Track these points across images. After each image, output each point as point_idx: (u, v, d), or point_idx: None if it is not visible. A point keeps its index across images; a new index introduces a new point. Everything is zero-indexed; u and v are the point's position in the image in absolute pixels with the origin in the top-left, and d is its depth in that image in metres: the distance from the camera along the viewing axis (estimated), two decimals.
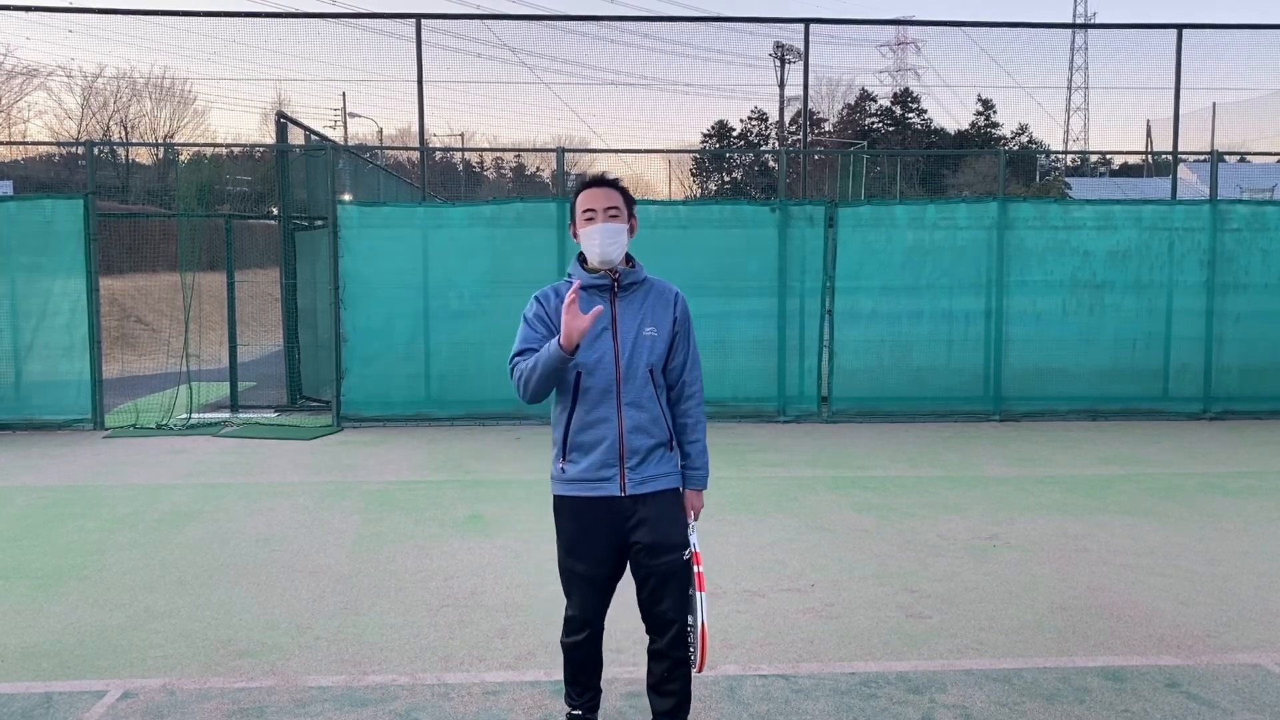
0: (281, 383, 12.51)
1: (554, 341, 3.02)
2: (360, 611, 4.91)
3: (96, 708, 3.83)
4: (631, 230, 3.23)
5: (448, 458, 9.08)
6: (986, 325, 11.17)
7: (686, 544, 3.22)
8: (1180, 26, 13.01)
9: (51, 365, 10.67)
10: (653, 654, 3.29)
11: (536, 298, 3.25)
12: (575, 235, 3.23)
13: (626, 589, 3.32)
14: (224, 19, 17.41)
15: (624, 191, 3.23)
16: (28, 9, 14.46)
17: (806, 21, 13.03)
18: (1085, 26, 41.08)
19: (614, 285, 3.19)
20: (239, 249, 12.63)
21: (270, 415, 11.51)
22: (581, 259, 3.25)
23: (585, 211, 3.17)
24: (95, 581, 5.40)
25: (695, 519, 3.33)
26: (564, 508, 3.24)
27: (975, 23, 20.22)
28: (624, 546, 3.20)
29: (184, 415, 11.15)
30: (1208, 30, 13.56)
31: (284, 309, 12.26)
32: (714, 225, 11.01)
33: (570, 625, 3.33)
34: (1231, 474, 8.31)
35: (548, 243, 10.75)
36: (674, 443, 3.26)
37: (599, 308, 3.02)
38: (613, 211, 3.17)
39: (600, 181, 3.22)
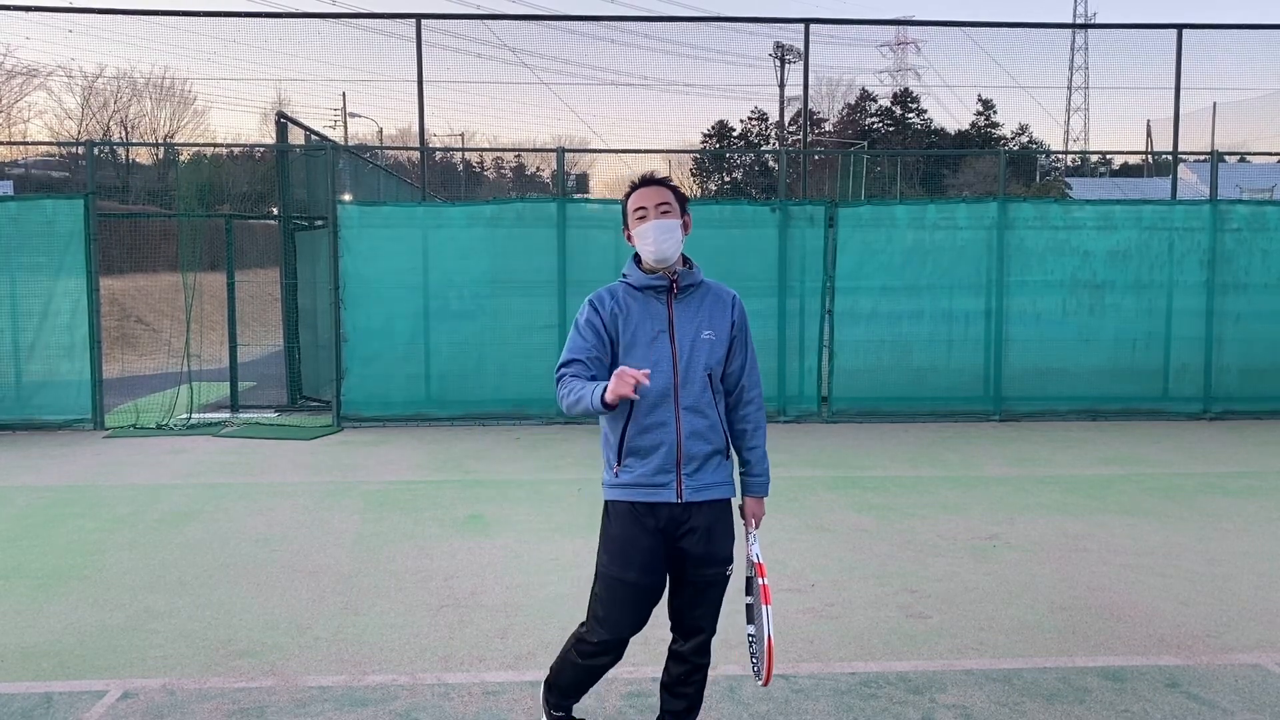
0: (282, 383, 12.51)
1: (600, 390, 2.87)
2: (360, 611, 4.91)
3: (96, 708, 3.83)
4: (686, 228, 3.10)
5: (448, 458, 9.08)
6: (986, 325, 11.17)
7: (731, 559, 3.16)
8: (1180, 26, 13.02)
9: (52, 365, 10.67)
10: (674, 655, 3.25)
11: (590, 301, 3.12)
12: (629, 238, 3.13)
13: None
14: (224, 19, 17.43)
15: (675, 189, 3.12)
16: (28, 9, 14.47)
17: (806, 21, 13.03)
18: (1085, 26, 41.05)
19: (671, 286, 3.08)
20: (239, 249, 12.63)
21: (270, 415, 11.51)
22: (637, 260, 3.15)
23: (637, 211, 3.07)
24: (95, 581, 5.40)
25: (756, 527, 3.26)
26: (616, 512, 3.11)
27: (975, 23, 20.23)
28: (669, 553, 3.12)
29: (184, 415, 11.16)
30: (1208, 30, 13.57)
31: (284, 309, 12.26)
32: (714, 225, 10.99)
33: (584, 647, 3.18)
34: (1231, 474, 8.31)
35: (548, 243, 10.76)
36: (729, 451, 3.17)
37: (646, 372, 2.83)
38: (664, 208, 3.06)
39: (649, 181, 3.12)
